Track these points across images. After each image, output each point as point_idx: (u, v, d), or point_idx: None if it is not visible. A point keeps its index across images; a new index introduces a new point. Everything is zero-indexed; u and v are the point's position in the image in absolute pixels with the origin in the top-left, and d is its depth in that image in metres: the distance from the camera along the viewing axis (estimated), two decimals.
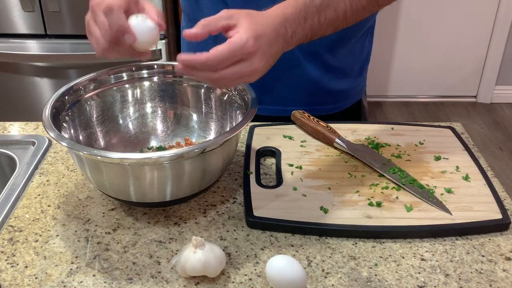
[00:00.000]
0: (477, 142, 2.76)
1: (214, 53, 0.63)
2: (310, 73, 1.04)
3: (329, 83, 1.07)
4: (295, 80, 1.04)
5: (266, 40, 0.67)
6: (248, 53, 0.65)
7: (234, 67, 0.65)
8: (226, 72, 0.65)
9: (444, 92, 3.19)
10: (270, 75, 0.80)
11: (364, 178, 0.84)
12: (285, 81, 1.04)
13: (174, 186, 0.74)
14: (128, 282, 0.68)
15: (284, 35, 0.70)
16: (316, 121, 0.95)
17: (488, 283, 0.67)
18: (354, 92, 1.13)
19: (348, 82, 1.10)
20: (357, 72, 1.11)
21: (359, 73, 1.12)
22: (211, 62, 0.64)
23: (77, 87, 0.86)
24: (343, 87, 1.09)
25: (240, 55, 0.64)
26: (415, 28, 2.97)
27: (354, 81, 1.11)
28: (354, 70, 1.10)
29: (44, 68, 2.07)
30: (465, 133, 0.99)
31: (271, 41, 0.68)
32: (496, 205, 0.78)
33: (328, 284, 0.67)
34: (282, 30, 0.69)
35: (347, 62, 1.07)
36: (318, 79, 1.05)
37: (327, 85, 1.06)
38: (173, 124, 0.94)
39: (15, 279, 0.68)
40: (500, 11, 2.91)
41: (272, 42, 0.68)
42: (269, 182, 0.85)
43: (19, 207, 0.81)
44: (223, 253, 0.68)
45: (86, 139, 0.86)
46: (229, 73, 0.65)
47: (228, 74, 0.65)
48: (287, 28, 0.70)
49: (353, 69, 1.10)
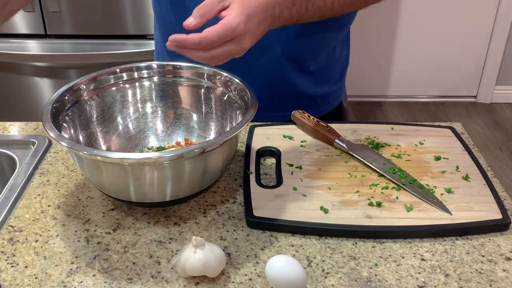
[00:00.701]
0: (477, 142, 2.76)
1: (207, 35, 0.67)
2: (293, 79, 1.05)
3: (311, 89, 1.08)
4: (278, 86, 1.05)
5: (255, 21, 0.71)
6: (238, 35, 0.69)
7: (224, 47, 0.69)
8: (216, 51, 0.69)
9: (444, 92, 3.19)
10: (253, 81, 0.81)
11: (364, 178, 0.84)
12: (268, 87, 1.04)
13: (174, 186, 0.74)
14: (128, 282, 0.68)
15: (272, 15, 0.75)
16: (316, 121, 0.95)
17: (488, 283, 0.67)
18: (335, 96, 1.14)
19: (328, 86, 1.11)
20: (337, 76, 1.12)
21: (339, 77, 1.13)
22: (204, 43, 0.67)
23: (77, 87, 0.86)
24: (323, 91, 1.10)
25: (231, 36, 0.69)
26: (415, 28, 2.97)
27: (334, 85, 1.12)
28: (334, 75, 1.11)
29: (44, 68, 2.07)
30: (465, 133, 0.99)
31: (259, 21, 0.72)
32: (496, 205, 0.78)
33: (328, 284, 0.67)
34: (270, 11, 0.74)
35: (327, 66, 1.08)
36: (300, 85, 1.06)
37: (308, 90, 1.07)
38: (173, 124, 0.94)
39: (15, 279, 0.68)
40: (500, 11, 2.91)
41: (260, 22, 0.73)
42: (269, 182, 0.85)
43: (19, 207, 0.81)
44: (223, 253, 0.68)
45: (86, 139, 0.86)
46: (219, 52, 0.69)
47: (219, 54, 0.70)
48: (275, 9, 0.75)
49: (333, 73, 1.11)
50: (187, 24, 0.69)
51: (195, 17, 0.70)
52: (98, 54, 2.00)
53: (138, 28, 2.00)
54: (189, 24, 0.69)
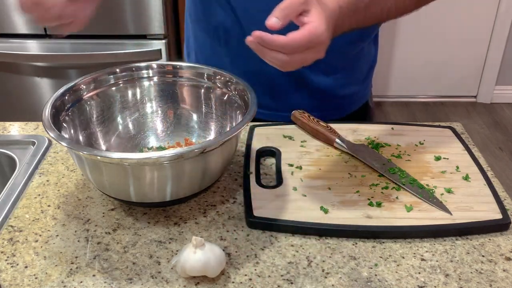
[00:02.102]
0: (477, 142, 2.76)
1: (294, 39, 0.64)
2: (320, 79, 1.03)
3: (338, 89, 1.06)
4: (304, 86, 1.04)
5: (331, 31, 0.69)
6: (321, 42, 0.66)
7: (305, 53, 0.66)
8: (296, 56, 0.66)
9: (444, 92, 3.19)
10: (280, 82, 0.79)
11: (364, 178, 0.84)
12: (296, 88, 1.04)
13: (174, 186, 0.74)
14: (128, 282, 0.68)
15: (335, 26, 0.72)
16: (316, 121, 0.95)
17: (488, 283, 0.67)
18: (361, 95, 1.13)
19: (356, 86, 1.10)
20: (364, 76, 1.11)
21: (366, 77, 1.12)
22: (290, 46, 0.64)
23: (77, 87, 0.86)
24: (350, 91, 1.09)
25: (314, 44, 0.66)
26: (415, 28, 2.97)
27: (361, 85, 1.11)
28: (361, 75, 1.10)
29: (44, 68, 2.07)
30: (465, 133, 0.98)
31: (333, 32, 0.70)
32: (496, 205, 0.78)
33: (328, 284, 0.67)
34: (339, 22, 0.72)
35: (355, 67, 1.07)
36: (327, 85, 1.05)
37: (335, 90, 1.06)
38: (173, 124, 0.94)
39: (15, 279, 0.68)
40: (500, 11, 2.91)
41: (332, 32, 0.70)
42: (269, 182, 0.85)
43: (19, 207, 0.81)
44: (223, 253, 0.67)
45: (86, 139, 0.86)
46: (299, 58, 0.66)
47: (297, 59, 0.66)
48: (339, 19, 0.72)
49: (361, 73, 1.10)
50: (272, 25, 0.64)
51: (280, 18, 0.64)
52: (98, 54, 2.00)
53: (138, 28, 2.00)
54: (275, 24, 0.64)
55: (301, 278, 0.68)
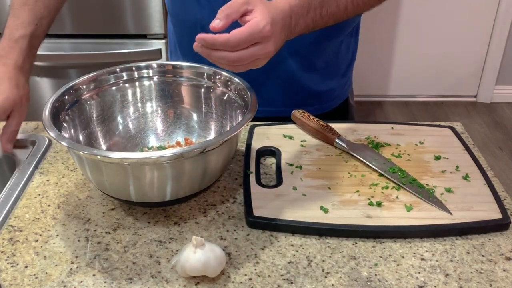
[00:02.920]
0: (477, 142, 2.76)
1: (235, 35, 0.66)
2: (296, 73, 1.04)
3: (315, 84, 1.07)
4: (281, 81, 1.05)
5: (278, 27, 0.70)
6: (264, 36, 0.68)
7: (250, 48, 0.68)
8: (243, 52, 0.68)
9: (444, 91, 3.19)
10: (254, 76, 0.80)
11: (364, 178, 0.84)
12: (271, 82, 1.04)
13: (174, 186, 0.74)
14: (128, 282, 0.68)
15: (289, 25, 0.74)
16: (316, 120, 0.95)
17: (488, 283, 0.67)
18: (340, 92, 1.13)
19: (334, 82, 1.10)
20: (342, 72, 1.11)
21: (345, 73, 1.12)
22: (231, 42, 0.66)
23: (77, 87, 0.86)
24: (329, 87, 1.09)
25: (257, 38, 0.67)
26: (415, 28, 2.96)
27: (339, 81, 1.12)
28: (340, 70, 1.11)
29: (44, 68, 2.07)
30: (465, 133, 0.99)
31: (281, 28, 0.71)
32: (496, 205, 0.78)
33: (328, 284, 0.67)
34: (288, 20, 0.73)
35: (332, 62, 1.07)
36: (304, 80, 1.05)
37: (313, 86, 1.07)
38: (173, 123, 0.94)
39: (15, 279, 0.68)
40: (500, 10, 2.91)
41: (281, 29, 0.71)
42: (269, 182, 0.85)
43: (19, 207, 0.81)
44: (223, 253, 0.68)
45: (86, 139, 0.86)
46: (245, 54, 0.68)
47: (245, 55, 0.68)
48: (292, 18, 0.74)
49: (339, 69, 1.10)
50: (214, 26, 0.67)
51: (221, 18, 0.67)
52: (98, 54, 2.00)
53: (138, 28, 2.00)
54: (216, 25, 0.67)
55: (301, 278, 0.68)
